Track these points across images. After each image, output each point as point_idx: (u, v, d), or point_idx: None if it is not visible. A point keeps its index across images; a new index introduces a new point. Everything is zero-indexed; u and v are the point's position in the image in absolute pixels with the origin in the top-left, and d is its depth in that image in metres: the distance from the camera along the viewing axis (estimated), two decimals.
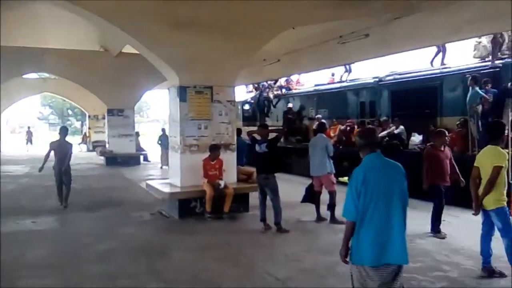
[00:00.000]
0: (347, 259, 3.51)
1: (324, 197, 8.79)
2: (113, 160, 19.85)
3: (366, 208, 3.37)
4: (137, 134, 21.77)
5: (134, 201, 11.00)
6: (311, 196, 8.83)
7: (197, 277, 5.64)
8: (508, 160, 5.96)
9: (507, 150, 8.50)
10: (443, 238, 7.34)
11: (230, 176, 9.37)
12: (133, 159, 20.21)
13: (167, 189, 9.10)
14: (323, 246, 6.95)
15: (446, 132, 7.82)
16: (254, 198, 8.79)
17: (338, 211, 8.80)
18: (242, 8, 8.42)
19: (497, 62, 10.08)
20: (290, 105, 18.05)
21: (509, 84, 9.40)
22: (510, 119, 8.99)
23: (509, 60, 9.87)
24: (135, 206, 10.25)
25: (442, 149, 7.57)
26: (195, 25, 8.50)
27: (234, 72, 9.63)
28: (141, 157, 21.22)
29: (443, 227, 8.10)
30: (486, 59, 10.73)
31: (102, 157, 21.32)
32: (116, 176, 16.62)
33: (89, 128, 30.92)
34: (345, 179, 14.49)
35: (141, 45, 8.91)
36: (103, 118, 26.12)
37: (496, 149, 5.40)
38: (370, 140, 3.61)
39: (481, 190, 5.39)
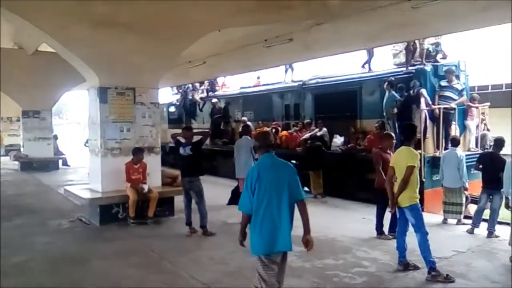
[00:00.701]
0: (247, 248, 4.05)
1: None
2: (29, 165, 18.63)
3: (260, 202, 3.85)
4: (55, 137, 20.59)
5: (51, 209, 10.38)
6: (237, 198, 8.83)
7: (118, 286, 5.44)
8: (420, 160, 6.38)
9: (419, 151, 9.13)
10: (389, 239, 7.25)
11: (154, 179, 9.15)
12: (51, 164, 19.10)
13: (87, 195, 8.69)
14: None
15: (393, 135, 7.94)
16: (179, 201, 8.64)
17: None
18: (166, 9, 8.26)
19: (410, 68, 10.74)
20: (214, 100, 17.97)
21: (412, 91, 10.05)
22: (421, 123, 9.67)
23: (421, 66, 10.55)
24: (53, 214, 9.68)
25: (388, 152, 7.49)
26: (116, 25, 8.20)
27: (158, 74, 9.43)
28: (60, 162, 20.10)
29: (363, 225, 8.50)
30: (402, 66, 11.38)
31: (16, 162, 19.92)
32: (32, 182, 15.60)
33: (1, 131, 28.77)
34: None
35: (58, 44, 8.45)
36: (18, 120, 24.44)
37: (409, 150, 5.75)
38: (264, 142, 4.10)
39: (396, 188, 5.72)
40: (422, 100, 9.86)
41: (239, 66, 15.24)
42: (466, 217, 8.72)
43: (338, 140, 11.86)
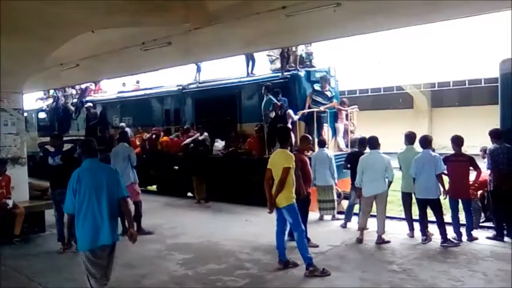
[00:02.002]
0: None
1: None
2: None
3: (81, 202, 4.29)
4: None
5: None
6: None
7: None
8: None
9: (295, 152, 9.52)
10: (316, 246, 7.03)
11: (21, 193, 8.31)
12: None
13: None
14: (129, 259, 6.66)
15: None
16: (51, 215, 7.95)
17: (146, 221, 8.62)
18: (28, 5, 7.53)
19: (286, 73, 11.20)
20: (88, 105, 16.96)
21: (280, 112, 10.44)
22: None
23: (296, 72, 11.07)
24: None
25: (306, 154, 7.50)
26: None
27: (22, 77, 8.59)
28: None
29: (246, 227, 8.62)
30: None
31: None
32: None
33: None
34: (154, 187, 14.38)
35: None
36: None
37: (285, 152, 5.96)
38: (86, 149, 4.59)
39: (274, 190, 5.88)
40: (290, 120, 10.30)
41: (116, 69, 14.50)
42: (340, 212, 9.32)
43: (219, 144, 11.94)
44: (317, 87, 10.82)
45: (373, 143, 7.64)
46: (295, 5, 8.21)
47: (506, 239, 7.32)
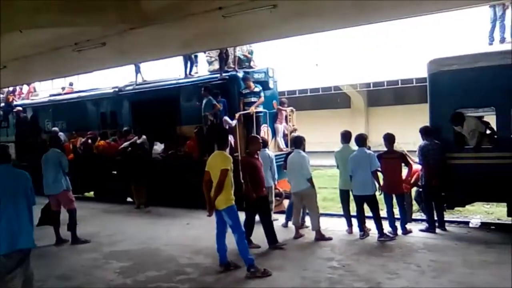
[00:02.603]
0: None
1: (64, 216, 8.12)
2: None
3: None
4: None
5: None
6: (48, 217, 8.00)
7: None
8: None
9: (236, 154, 9.51)
10: (258, 247, 7.06)
11: None
12: None
13: None
14: (64, 270, 6.40)
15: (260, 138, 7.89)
16: None
17: (82, 230, 8.28)
18: None
19: (224, 74, 11.13)
20: (18, 108, 16.08)
21: (215, 120, 10.40)
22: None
23: (234, 73, 11.02)
24: None
25: (257, 156, 7.28)
26: None
27: None
28: None
29: (187, 231, 8.49)
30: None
31: None
32: None
33: None
34: (91, 193, 13.85)
35: None
36: None
37: (223, 154, 5.92)
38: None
39: (213, 192, 5.81)
40: (227, 126, 10.27)
41: (48, 71, 13.81)
42: (281, 212, 9.40)
43: (159, 147, 11.67)
44: (244, 90, 10.65)
45: (296, 142, 7.85)
46: (231, 6, 8.19)
47: (437, 230, 7.69)
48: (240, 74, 10.96)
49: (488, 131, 8.04)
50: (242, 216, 6.58)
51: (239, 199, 6.49)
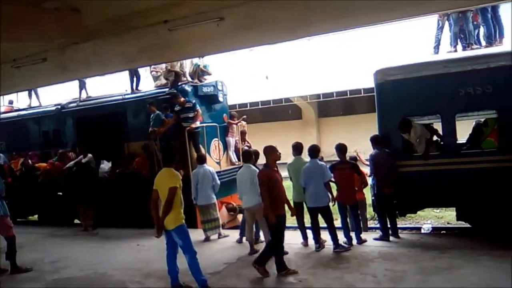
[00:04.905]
0: None
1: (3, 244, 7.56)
2: None
3: None
4: None
5: None
6: None
7: None
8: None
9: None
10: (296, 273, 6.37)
11: None
12: None
13: None
14: None
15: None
16: None
17: (23, 257, 7.73)
18: None
19: (173, 89, 10.82)
20: None
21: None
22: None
23: (182, 86, 10.73)
24: None
25: (276, 169, 6.53)
26: None
27: None
28: None
29: (138, 253, 8.12)
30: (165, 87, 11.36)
31: None
32: None
33: None
34: (35, 217, 13.10)
35: None
36: None
37: (171, 171, 5.66)
38: None
39: (161, 212, 5.53)
40: None
41: None
42: (236, 227, 9.19)
43: (106, 165, 11.18)
44: (177, 107, 10.29)
45: (246, 156, 7.72)
46: (177, 19, 8.03)
47: (391, 238, 7.73)
48: (189, 88, 10.72)
49: (435, 138, 8.24)
50: (193, 234, 6.32)
51: (190, 218, 6.27)
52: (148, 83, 12.50)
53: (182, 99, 10.28)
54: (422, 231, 9.51)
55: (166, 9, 8.03)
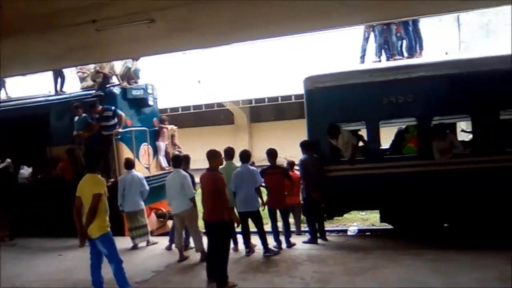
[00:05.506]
0: None
1: None
2: None
3: None
4: None
5: None
6: None
7: None
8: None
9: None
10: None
11: None
12: None
13: None
14: None
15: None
16: None
17: None
18: None
19: (100, 91, 10.39)
20: None
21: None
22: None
23: (110, 89, 10.36)
24: None
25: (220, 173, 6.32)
26: None
27: None
28: None
29: (58, 263, 7.71)
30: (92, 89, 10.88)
31: None
32: None
33: None
34: None
35: None
36: None
37: (95, 177, 5.42)
38: None
39: (84, 219, 5.28)
40: None
41: None
42: (165, 234, 8.99)
43: (26, 171, 10.52)
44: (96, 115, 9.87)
45: (176, 161, 7.65)
46: (106, 19, 7.75)
47: (319, 241, 7.93)
48: (117, 90, 10.34)
49: (361, 144, 8.58)
50: (121, 242, 6.10)
51: (117, 225, 6.04)
52: (74, 84, 11.98)
53: (100, 107, 9.80)
54: (349, 233, 9.83)
55: (95, 8, 7.71)
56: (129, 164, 8.64)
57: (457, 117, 8.65)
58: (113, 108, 9.92)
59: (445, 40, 15.23)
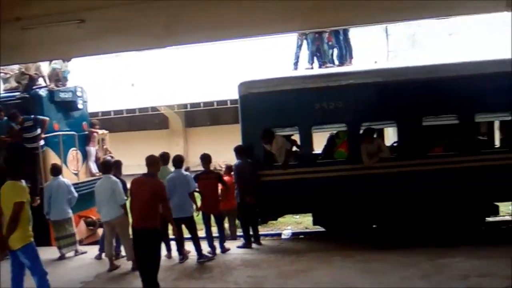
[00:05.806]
0: None
1: None
2: None
3: None
4: None
5: None
6: None
7: None
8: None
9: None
10: None
11: None
12: None
13: None
14: None
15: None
16: None
17: None
18: None
19: (25, 93, 9.81)
20: None
21: None
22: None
23: (36, 91, 9.82)
24: None
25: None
26: None
27: None
28: None
29: None
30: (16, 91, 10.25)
31: None
32: None
33: None
34: None
35: None
36: None
37: (16, 184, 5.10)
38: None
39: (5, 229, 4.94)
40: None
41: None
42: (95, 242, 8.66)
43: None
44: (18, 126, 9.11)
45: (105, 167, 7.48)
46: (33, 17, 7.36)
47: (253, 245, 7.99)
48: (44, 93, 9.82)
49: (294, 149, 8.76)
50: (47, 252, 5.79)
51: (43, 234, 5.71)
52: None
53: (21, 118, 9.09)
54: (283, 236, 9.98)
55: (19, 5, 7.32)
56: (56, 170, 8.21)
57: (384, 123, 9.06)
58: (32, 116, 9.22)
59: (374, 50, 15.97)
